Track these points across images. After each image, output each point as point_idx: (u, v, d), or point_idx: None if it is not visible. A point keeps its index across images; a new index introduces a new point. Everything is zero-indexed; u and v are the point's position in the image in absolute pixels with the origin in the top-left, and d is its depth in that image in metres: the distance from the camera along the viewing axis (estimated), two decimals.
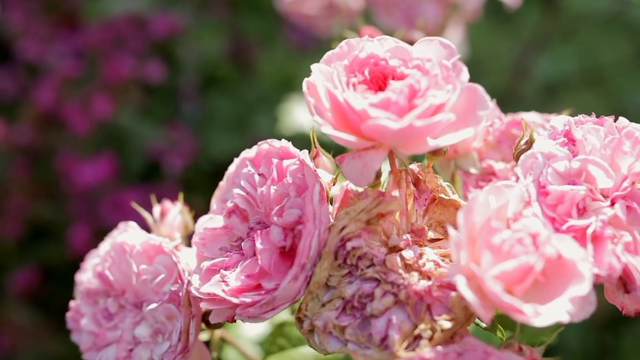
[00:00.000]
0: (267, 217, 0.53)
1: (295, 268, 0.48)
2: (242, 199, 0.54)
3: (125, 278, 0.59)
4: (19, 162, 1.67)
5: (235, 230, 0.55)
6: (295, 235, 0.49)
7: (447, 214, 0.53)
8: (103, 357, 0.58)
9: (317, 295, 0.49)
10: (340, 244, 0.49)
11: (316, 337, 0.49)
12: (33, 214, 1.67)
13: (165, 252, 0.57)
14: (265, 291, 0.49)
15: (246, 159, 0.56)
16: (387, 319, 0.47)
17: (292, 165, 0.51)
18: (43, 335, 1.59)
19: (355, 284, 0.48)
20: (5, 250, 1.69)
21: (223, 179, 0.58)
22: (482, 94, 0.48)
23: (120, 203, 1.60)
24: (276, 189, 0.51)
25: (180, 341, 0.55)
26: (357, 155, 0.48)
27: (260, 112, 1.71)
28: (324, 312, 0.48)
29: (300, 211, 0.49)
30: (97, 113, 1.62)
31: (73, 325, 0.62)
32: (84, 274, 0.62)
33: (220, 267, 0.53)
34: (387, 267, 0.48)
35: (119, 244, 0.59)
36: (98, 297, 0.61)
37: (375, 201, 0.49)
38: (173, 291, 0.56)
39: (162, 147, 1.68)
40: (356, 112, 0.46)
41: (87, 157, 1.62)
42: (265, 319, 0.49)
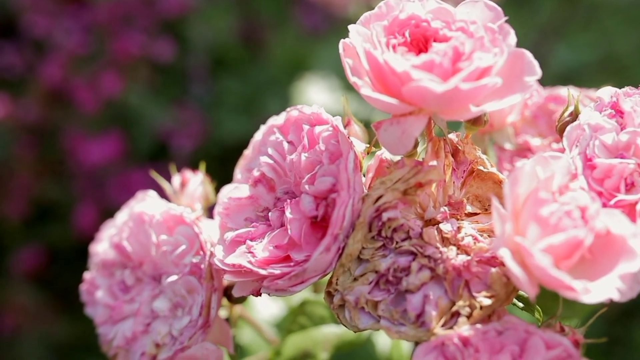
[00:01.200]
0: (297, 186, 0.50)
1: (328, 239, 0.45)
2: (269, 167, 0.52)
3: (143, 249, 0.57)
4: (25, 140, 1.64)
5: (261, 200, 0.53)
6: (328, 205, 0.46)
7: (485, 188, 0.51)
8: (119, 331, 0.56)
9: (348, 268, 0.47)
10: (375, 214, 0.46)
11: (347, 312, 0.47)
12: (38, 193, 1.64)
13: (186, 223, 0.55)
14: (294, 263, 0.46)
15: (274, 126, 0.53)
16: (423, 295, 0.44)
17: (324, 132, 0.48)
18: (47, 316, 1.57)
19: (390, 258, 0.46)
20: (9, 229, 1.66)
21: (248, 147, 0.55)
22: (530, 58, 0.45)
23: (127, 183, 1.57)
24: (307, 156, 0.48)
25: (201, 316, 0.53)
26: (396, 121, 0.45)
27: (271, 95, 1.68)
28: (357, 287, 0.46)
29: (334, 179, 0.46)
30: (105, 91, 1.59)
31: (87, 298, 0.59)
32: (99, 244, 0.60)
33: (245, 238, 0.50)
34: (424, 241, 0.46)
35: (138, 214, 0.56)
36: (114, 268, 0.58)
37: (413, 170, 0.46)
38: (194, 263, 0.53)
39: (171, 127, 1.66)
40: (397, 74, 0.44)
41: (94, 136, 1.60)
42: (293, 292, 0.47)
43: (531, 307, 0.49)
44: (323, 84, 1.24)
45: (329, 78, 1.27)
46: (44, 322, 1.57)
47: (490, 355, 0.42)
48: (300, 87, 1.22)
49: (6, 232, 1.67)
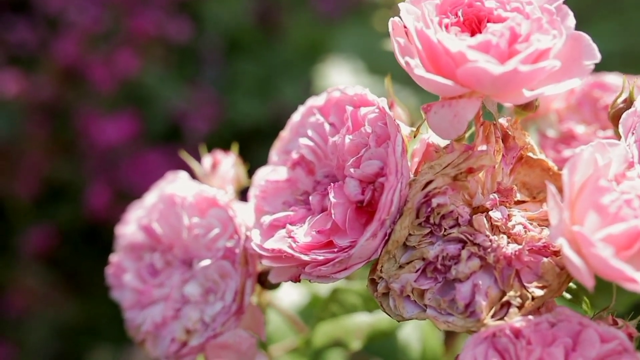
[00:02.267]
0: (339, 169, 0.48)
1: (375, 224, 0.43)
2: (309, 149, 0.50)
3: (174, 232, 0.55)
4: (37, 118, 1.62)
5: (299, 184, 0.51)
6: (375, 189, 0.44)
7: (532, 175, 0.49)
8: (148, 316, 0.54)
9: (394, 255, 0.45)
10: (424, 200, 0.44)
11: (391, 301, 0.45)
12: (49, 173, 1.62)
13: (219, 205, 0.53)
14: (338, 249, 0.45)
15: (313, 107, 0.52)
16: (472, 284, 0.43)
17: (370, 114, 0.46)
18: (57, 298, 1.56)
19: (438, 245, 0.44)
20: (19, 209, 1.64)
21: (285, 129, 0.54)
22: (589, 41, 0.43)
23: (141, 164, 1.55)
24: (352, 138, 0.46)
25: (235, 302, 0.51)
26: (447, 104, 0.43)
27: (285, 78, 1.66)
28: (403, 274, 0.44)
29: (381, 163, 0.44)
30: (121, 69, 1.56)
31: (114, 281, 0.58)
32: (126, 226, 0.58)
33: (284, 222, 0.48)
34: (474, 228, 0.44)
35: (169, 195, 0.55)
36: (142, 251, 0.57)
37: (464, 155, 0.45)
38: (228, 247, 0.51)
39: (185, 109, 1.63)
40: (451, 55, 0.42)
41: (108, 116, 1.57)
42: (336, 279, 0.45)
43: (579, 298, 0.48)
44: (345, 67, 1.21)
45: (351, 61, 1.25)
46: (52, 304, 1.55)
47: (543, 347, 0.41)
48: (321, 69, 1.20)
49: (16, 211, 1.65)
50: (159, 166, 1.52)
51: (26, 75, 1.60)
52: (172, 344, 0.53)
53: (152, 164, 1.53)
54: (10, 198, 1.63)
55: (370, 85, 1.10)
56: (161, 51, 1.69)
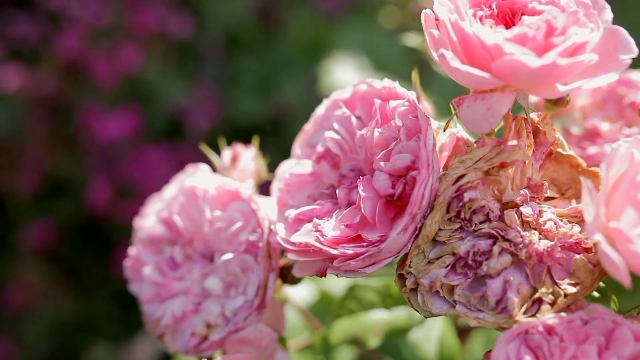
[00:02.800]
0: (367, 163, 0.48)
1: (406, 218, 0.43)
2: (335, 142, 0.49)
3: (194, 225, 0.54)
4: (38, 113, 1.60)
5: (324, 177, 0.50)
6: (406, 183, 0.44)
7: (561, 172, 0.48)
8: (167, 309, 0.54)
9: (423, 250, 0.44)
10: (455, 194, 0.44)
11: (419, 297, 0.44)
12: (50, 168, 1.61)
13: (242, 199, 0.52)
14: (368, 243, 0.44)
15: (339, 100, 0.51)
16: (503, 280, 0.42)
17: (400, 107, 0.46)
18: (57, 293, 1.54)
19: (469, 240, 0.44)
20: (19, 204, 1.63)
21: (309, 122, 0.53)
22: (625, 35, 0.43)
23: (142, 160, 1.54)
24: (381, 132, 0.46)
25: (257, 296, 0.50)
26: (480, 97, 0.43)
27: (286, 76, 1.65)
28: (433, 270, 0.44)
29: (413, 156, 0.44)
30: (124, 64, 1.55)
31: (132, 274, 0.57)
32: (145, 219, 0.57)
33: (310, 216, 0.48)
34: (506, 224, 0.43)
35: (190, 188, 0.54)
36: (162, 244, 0.56)
37: (495, 150, 0.44)
38: (250, 241, 0.51)
39: (187, 105, 1.62)
40: (487, 47, 0.41)
41: (110, 111, 1.56)
42: (364, 273, 0.44)
43: (607, 297, 0.47)
44: (350, 64, 1.21)
45: (356, 58, 1.24)
46: (51, 300, 1.54)
47: (576, 345, 0.40)
48: (326, 66, 1.20)
49: (16, 206, 1.64)
50: (160, 163, 1.51)
51: (28, 70, 1.59)
52: (192, 338, 0.52)
53: (153, 161, 1.52)
54: (11, 193, 1.62)
55: None
56: (162, 47, 1.68)
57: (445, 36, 0.43)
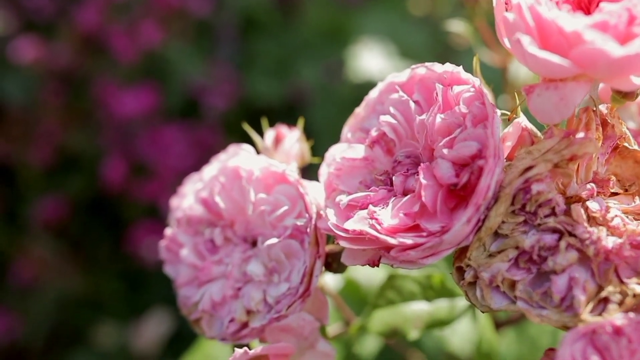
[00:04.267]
0: (426, 149, 0.46)
1: (471, 209, 0.41)
2: (391, 127, 0.47)
3: (236, 207, 0.52)
4: (53, 86, 1.58)
5: (376, 163, 0.48)
6: (472, 172, 0.42)
7: (624, 167, 0.47)
8: (205, 293, 0.52)
9: (484, 243, 0.43)
10: (522, 186, 0.42)
11: (478, 291, 0.43)
12: (63, 142, 1.58)
13: (289, 182, 0.50)
14: (428, 233, 0.42)
15: (395, 84, 0.49)
16: (569, 277, 0.41)
17: (465, 93, 0.44)
18: (67, 269, 1.53)
19: (533, 234, 0.42)
20: (31, 178, 1.61)
21: (360, 106, 0.51)
22: None
23: (158, 139, 1.51)
24: (444, 118, 0.44)
25: (302, 283, 0.48)
26: (553, 86, 0.41)
27: (303, 60, 1.63)
28: (495, 263, 0.42)
29: (480, 144, 0.42)
30: (143, 40, 1.52)
31: (167, 255, 0.55)
32: (183, 199, 0.55)
33: (363, 203, 0.46)
34: (572, 219, 0.42)
35: (232, 169, 0.52)
36: (200, 226, 0.54)
37: (565, 142, 0.42)
38: (297, 226, 0.49)
39: (204, 85, 1.60)
40: (565, 34, 0.39)
41: (128, 87, 1.53)
42: (421, 265, 0.43)
43: None
44: (377, 50, 1.19)
45: (383, 44, 1.22)
46: (63, 275, 1.52)
47: None
48: (353, 50, 1.17)
49: (27, 180, 1.61)
50: (176, 141, 1.49)
51: (44, 41, 1.56)
52: (231, 324, 0.50)
53: (169, 139, 1.50)
54: (22, 166, 1.60)
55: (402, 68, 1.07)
56: (182, 25, 1.65)
57: (520, 21, 0.41)
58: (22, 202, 1.61)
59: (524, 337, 0.66)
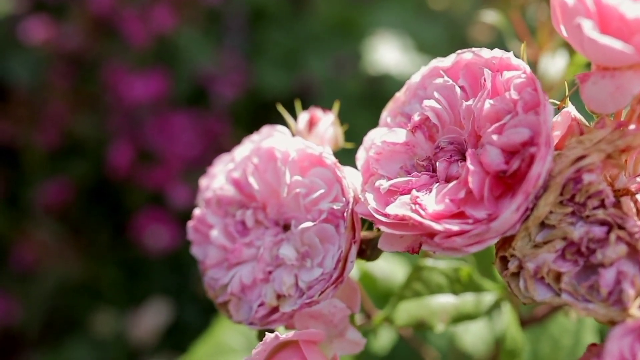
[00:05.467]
0: (472, 136, 0.45)
1: (520, 197, 0.40)
2: (435, 112, 0.46)
3: (268, 189, 0.51)
4: (61, 68, 1.56)
5: (417, 149, 0.47)
6: (523, 159, 0.41)
7: None
8: (235, 276, 0.51)
9: (529, 233, 0.42)
10: (574, 176, 0.41)
11: (522, 282, 0.42)
12: (69, 126, 1.56)
13: (325, 165, 0.49)
14: (474, 220, 0.41)
15: (439, 69, 0.48)
16: (617, 271, 0.40)
17: (516, 79, 0.43)
18: (68, 254, 1.51)
19: (581, 226, 0.41)
20: (35, 161, 1.59)
21: (401, 90, 0.50)
22: None
23: (166, 125, 1.50)
24: (493, 103, 0.43)
25: (336, 269, 0.47)
26: (610, 75, 0.40)
27: (312, 53, 1.62)
28: (541, 254, 0.41)
29: (531, 131, 0.41)
30: (156, 25, 1.51)
31: (195, 236, 0.54)
32: (213, 180, 0.54)
33: (404, 188, 0.45)
34: (622, 211, 0.41)
35: (267, 150, 0.51)
36: (231, 207, 0.53)
37: (618, 132, 0.41)
38: (332, 210, 0.48)
39: (214, 73, 1.58)
40: (626, 21, 0.38)
41: (138, 72, 1.52)
42: (465, 253, 0.42)
43: None
44: (394, 43, 1.18)
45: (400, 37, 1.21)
46: (64, 260, 1.50)
47: None
48: (371, 43, 1.16)
49: (32, 163, 1.60)
50: (183, 129, 1.47)
51: (54, 23, 1.54)
52: (261, 308, 0.49)
53: (177, 127, 1.48)
54: (27, 149, 1.58)
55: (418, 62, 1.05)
56: (193, 12, 1.63)
57: (580, 5, 0.40)
58: (24, 185, 1.59)
59: (546, 336, 0.65)
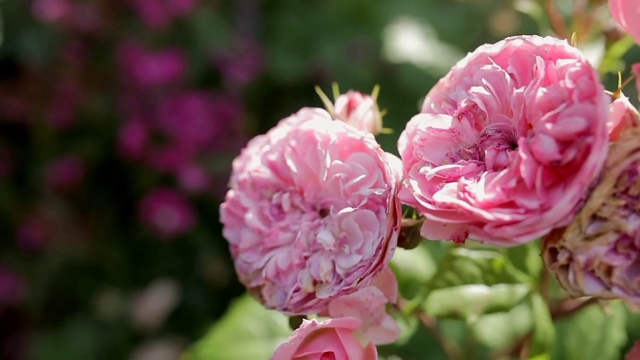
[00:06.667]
0: (522, 124, 0.44)
1: (575, 188, 0.39)
2: (483, 99, 0.45)
3: (306, 172, 0.50)
4: (75, 46, 1.54)
5: (462, 136, 0.46)
6: (579, 149, 0.40)
7: None
8: (270, 260, 0.50)
9: (580, 225, 0.41)
10: (629, 168, 0.40)
11: (571, 274, 0.41)
12: (81, 105, 1.55)
13: (367, 150, 0.48)
14: (525, 210, 0.40)
15: (487, 55, 0.47)
16: None
17: (572, 67, 0.42)
18: (76, 234, 1.50)
19: (634, 219, 0.40)
20: (45, 138, 1.57)
21: (446, 76, 0.49)
22: None
23: (179, 107, 1.48)
24: (546, 92, 0.42)
25: (376, 256, 0.46)
26: None
27: (326, 40, 1.60)
28: (593, 247, 0.40)
29: (588, 121, 0.40)
30: (173, 6, 1.49)
31: (227, 219, 0.53)
32: (247, 162, 0.53)
33: (450, 176, 0.44)
34: None
35: (306, 132, 0.50)
36: (266, 190, 0.52)
37: None
38: (374, 196, 0.47)
39: (228, 56, 1.57)
40: None
41: (153, 52, 1.50)
42: (515, 243, 0.41)
43: None
44: (415, 31, 1.16)
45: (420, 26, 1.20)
46: (72, 240, 1.49)
47: None
48: (392, 31, 1.15)
49: (42, 141, 1.58)
50: (197, 111, 1.46)
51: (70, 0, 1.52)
52: (296, 294, 0.48)
53: (191, 109, 1.47)
54: (38, 126, 1.57)
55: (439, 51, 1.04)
56: None
57: None
58: (33, 163, 1.58)
59: (573, 330, 0.64)
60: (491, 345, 0.83)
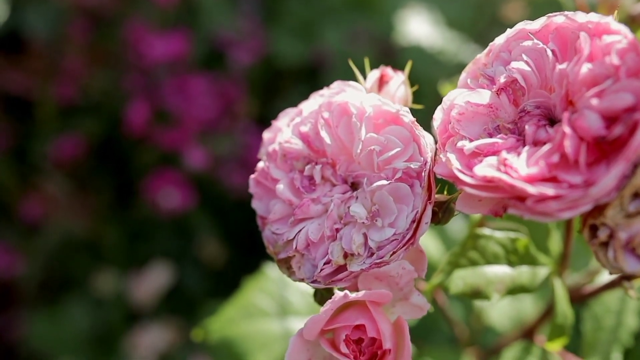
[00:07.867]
0: (564, 100, 0.43)
1: (621, 164, 0.39)
2: (523, 75, 0.45)
3: (338, 145, 0.50)
4: (81, 23, 1.52)
5: (500, 112, 0.46)
6: (627, 125, 0.40)
7: None
8: (301, 232, 0.49)
9: (622, 202, 0.41)
10: None
11: (610, 252, 0.41)
12: (85, 81, 1.53)
13: (401, 123, 0.48)
14: (569, 185, 0.40)
15: (527, 31, 0.47)
16: None
17: (618, 44, 0.41)
18: (75, 211, 1.49)
19: None
20: (48, 114, 1.56)
21: (483, 52, 0.48)
22: None
23: (183, 87, 1.47)
24: (591, 68, 0.42)
25: (410, 230, 0.46)
26: None
27: (329, 25, 1.60)
28: (635, 224, 0.40)
29: (635, 97, 0.40)
30: None
31: (256, 189, 0.52)
32: (278, 133, 0.53)
33: (487, 150, 0.44)
34: None
35: (340, 104, 0.49)
36: (296, 162, 0.51)
37: None
38: (409, 169, 0.47)
39: (233, 38, 1.56)
40: None
41: (159, 31, 1.49)
42: (557, 218, 0.41)
43: None
44: (425, 16, 1.16)
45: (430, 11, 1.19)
46: (72, 216, 1.48)
47: None
48: (403, 15, 1.15)
49: (45, 117, 1.57)
50: (201, 92, 1.45)
51: None
52: (327, 266, 0.48)
53: (195, 89, 1.46)
54: (41, 101, 1.55)
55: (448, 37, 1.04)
56: None
57: None
58: (35, 139, 1.56)
59: (589, 315, 0.65)
60: (498, 329, 0.83)
